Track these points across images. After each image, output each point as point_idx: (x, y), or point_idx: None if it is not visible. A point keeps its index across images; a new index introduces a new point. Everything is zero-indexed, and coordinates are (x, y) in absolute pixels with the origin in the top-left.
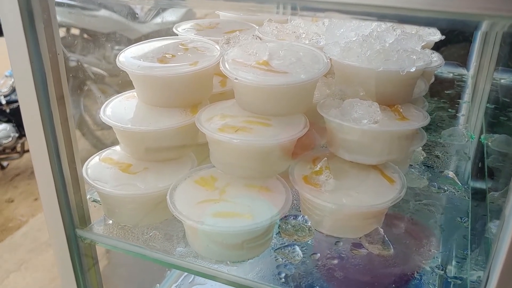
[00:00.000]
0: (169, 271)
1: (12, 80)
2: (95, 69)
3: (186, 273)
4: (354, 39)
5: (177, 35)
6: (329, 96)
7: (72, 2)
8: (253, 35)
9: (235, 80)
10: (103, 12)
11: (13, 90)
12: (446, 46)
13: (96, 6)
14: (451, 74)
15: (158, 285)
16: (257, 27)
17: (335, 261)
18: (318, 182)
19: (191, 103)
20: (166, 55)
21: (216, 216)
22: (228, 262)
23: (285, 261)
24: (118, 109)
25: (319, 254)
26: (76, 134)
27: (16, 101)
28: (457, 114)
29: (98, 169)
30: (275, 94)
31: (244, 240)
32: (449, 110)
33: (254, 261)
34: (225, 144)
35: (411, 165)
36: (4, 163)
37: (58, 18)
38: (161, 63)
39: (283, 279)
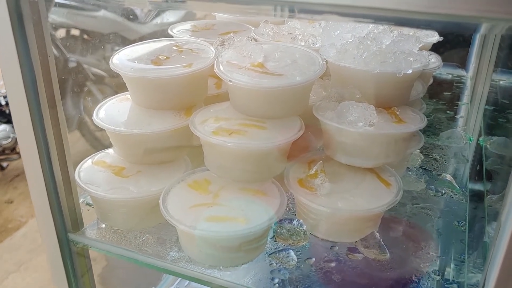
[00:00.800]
0: (165, 274)
1: None
2: (94, 69)
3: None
4: (350, 40)
5: (172, 37)
6: (325, 99)
7: (72, 3)
8: (248, 37)
9: (229, 83)
10: (102, 13)
11: None
12: (445, 47)
13: (95, 7)
14: (450, 76)
15: None
16: (253, 28)
17: (331, 266)
18: (313, 185)
19: (186, 105)
20: (160, 57)
21: (209, 221)
22: (222, 267)
23: (280, 265)
24: (111, 112)
25: (314, 259)
26: (76, 135)
27: None
28: (455, 116)
29: (90, 173)
30: (270, 97)
31: (237, 244)
32: (448, 112)
33: (248, 266)
34: (219, 147)
35: (408, 168)
36: (4, 164)
37: (58, 19)
38: (155, 65)
39: (278, 284)
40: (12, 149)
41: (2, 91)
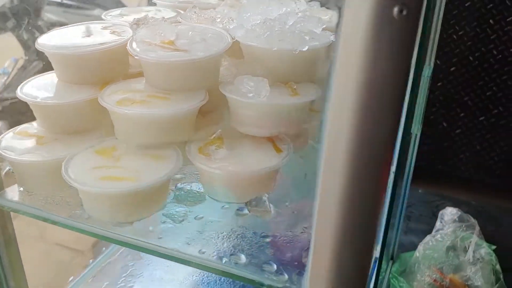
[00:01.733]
0: (105, 248)
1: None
2: None
3: (121, 250)
4: (258, 22)
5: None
6: (235, 75)
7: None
8: (163, 18)
9: (135, 57)
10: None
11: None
12: None
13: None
14: None
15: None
16: (182, 12)
17: (219, 222)
18: (209, 151)
19: (103, 80)
20: (83, 37)
21: (103, 180)
22: (115, 222)
23: (173, 222)
24: (36, 86)
25: (203, 216)
26: None
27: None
28: None
29: (11, 141)
30: (173, 70)
31: (128, 201)
32: None
33: (143, 222)
34: (122, 115)
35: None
36: None
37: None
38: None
39: (168, 239)
40: None
41: None
